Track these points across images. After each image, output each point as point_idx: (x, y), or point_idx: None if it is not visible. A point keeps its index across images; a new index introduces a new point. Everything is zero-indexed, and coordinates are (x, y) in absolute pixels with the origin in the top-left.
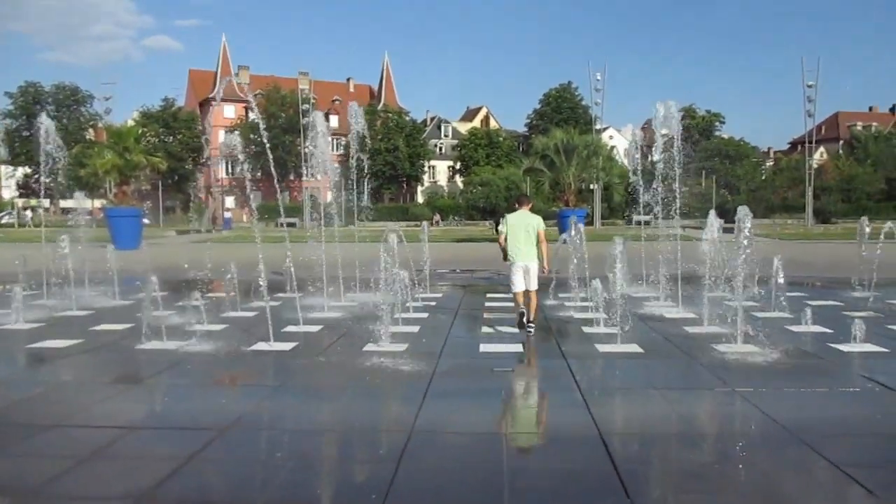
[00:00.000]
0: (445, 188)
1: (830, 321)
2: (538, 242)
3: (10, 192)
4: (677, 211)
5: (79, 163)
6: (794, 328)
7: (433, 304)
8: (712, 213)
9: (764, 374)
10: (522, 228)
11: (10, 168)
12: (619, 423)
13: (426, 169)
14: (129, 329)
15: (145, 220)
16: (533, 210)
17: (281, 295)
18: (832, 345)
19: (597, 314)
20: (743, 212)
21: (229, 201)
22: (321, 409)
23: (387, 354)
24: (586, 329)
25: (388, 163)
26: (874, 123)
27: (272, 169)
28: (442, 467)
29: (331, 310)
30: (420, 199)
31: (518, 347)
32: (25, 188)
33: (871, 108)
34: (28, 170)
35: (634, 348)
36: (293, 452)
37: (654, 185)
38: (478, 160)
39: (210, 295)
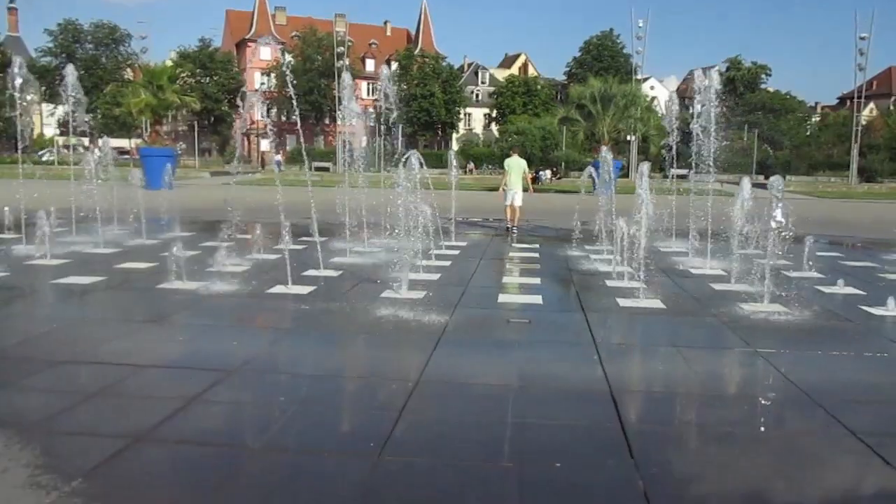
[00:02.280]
0: (481, 136)
1: (864, 283)
2: (523, 177)
3: (51, 130)
4: (713, 166)
5: (115, 102)
6: (826, 289)
7: (457, 252)
8: (745, 181)
9: (788, 335)
10: (514, 168)
11: (51, 106)
12: (631, 380)
13: (462, 116)
14: (152, 268)
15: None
16: (522, 156)
17: (306, 239)
18: (864, 307)
19: (621, 267)
20: (776, 182)
21: (264, 144)
22: (329, 355)
23: (403, 303)
24: (609, 283)
25: (424, 109)
26: None
27: (296, 117)
28: (445, 418)
29: (353, 255)
30: (455, 146)
31: (538, 299)
32: (66, 126)
33: None
34: (68, 108)
35: (657, 304)
36: (295, 397)
37: (692, 139)
38: (514, 108)
39: (235, 237)
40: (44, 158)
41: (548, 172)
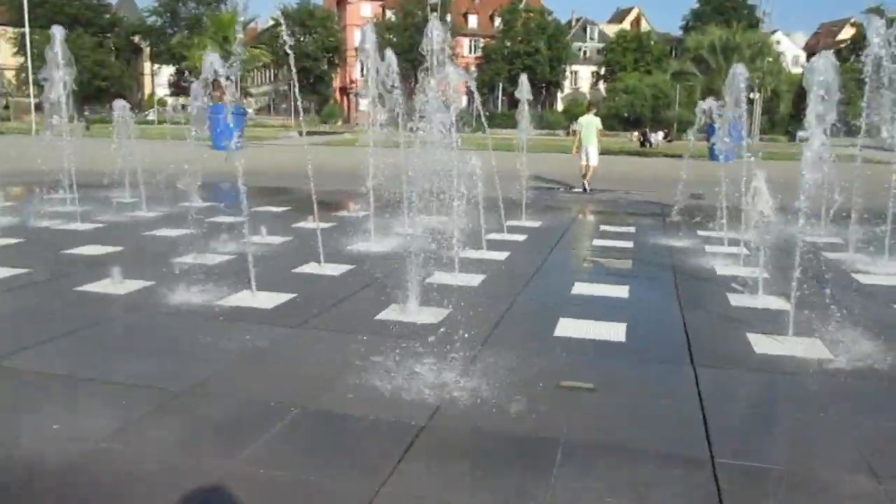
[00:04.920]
0: (587, 95)
1: None
2: (597, 134)
3: (162, 91)
4: (858, 128)
5: (181, 55)
6: None
7: (521, 238)
8: None
9: None
10: (587, 126)
11: (157, 66)
12: None
13: (568, 74)
14: (179, 237)
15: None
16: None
17: (337, 214)
18: None
19: (752, 269)
20: None
21: (364, 103)
22: (319, 362)
23: (399, 335)
24: (733, 299)
25: (527, 66)
26: None
27: (383, 80)
28: None
29: (385, 238)
30: (560, 106)
31: (619, 331)
32: (175, 86)
33: None
34: (173, 68)
35: (817, 349)
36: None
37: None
38: (625, 66)
39: (285, 204)
40: (148, 118)
41: (659, 134)
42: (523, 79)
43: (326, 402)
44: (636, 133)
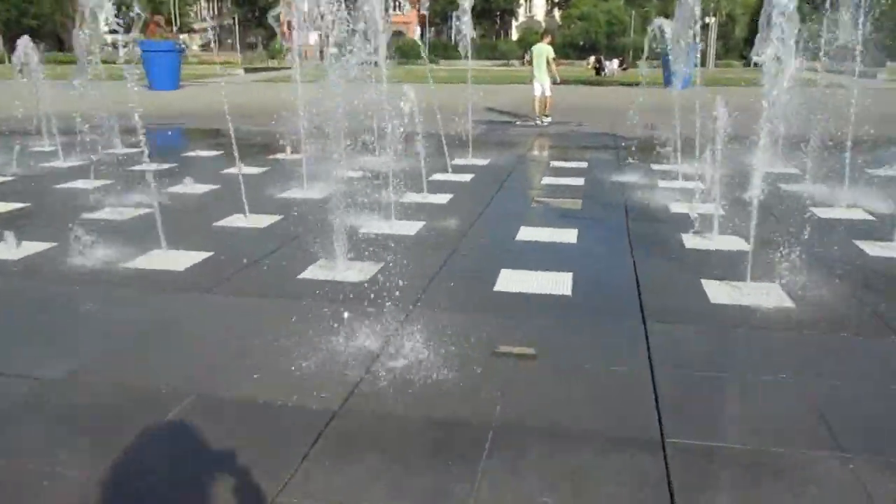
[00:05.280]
0: (543, 24)
1: None
2: (548, 64)
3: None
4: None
5: None
6: None
7: (467, 178)
8: None
9: None
10: (537, 55)
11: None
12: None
13: (522, 2)
14: (95, 189)
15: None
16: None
17: (275, 158)
18: None
19: (707, 205)
20: None
21: (313, 37)
22: (225, 335)
23: (326, 296)
24: (688, 240)
25: None
26: None
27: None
28: None
29: (319, 185)
30: (515, 35)
31: (566, 282)
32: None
33: None
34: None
35: (777, 296)
36: None
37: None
38: None
39: (217, 148)
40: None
41: (615, 62)
42: None
43: (227, 387)
44: (591, 59)
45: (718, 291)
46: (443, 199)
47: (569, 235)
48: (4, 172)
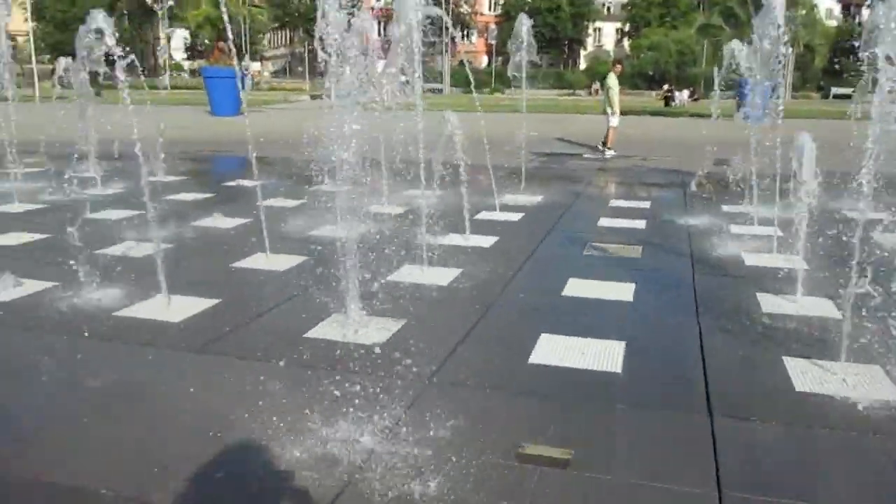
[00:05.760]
0: (611, 53)
1: None
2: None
3: (180, 55)
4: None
5: (177, 16)
6: None
7: (517, 216)
8: None
9: None
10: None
11: (171, 29)
12: None
13: (591, 31)
14: (121, 221)
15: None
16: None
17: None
18: None
19: (790, 259)
20: None
21: (380, 64)
22: (201, 409)
23: (335, 359)
24: (764, 301)
25: (549, 24)
26: None
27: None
28: None
29: (369, 217)
30: (583, 64)
31: (615, 361)
32: (191, 49)
33: None
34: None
35: (888, 391)
36: None
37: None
38: (649, 21)
39: (261, 177)
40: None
41: (685, 93)
42: (521, 18)
43: (184, 488)
44: (659, 91)
45: (804, 375)
46: (486, 241)
47: (624, 292)
48: (37, 199)
